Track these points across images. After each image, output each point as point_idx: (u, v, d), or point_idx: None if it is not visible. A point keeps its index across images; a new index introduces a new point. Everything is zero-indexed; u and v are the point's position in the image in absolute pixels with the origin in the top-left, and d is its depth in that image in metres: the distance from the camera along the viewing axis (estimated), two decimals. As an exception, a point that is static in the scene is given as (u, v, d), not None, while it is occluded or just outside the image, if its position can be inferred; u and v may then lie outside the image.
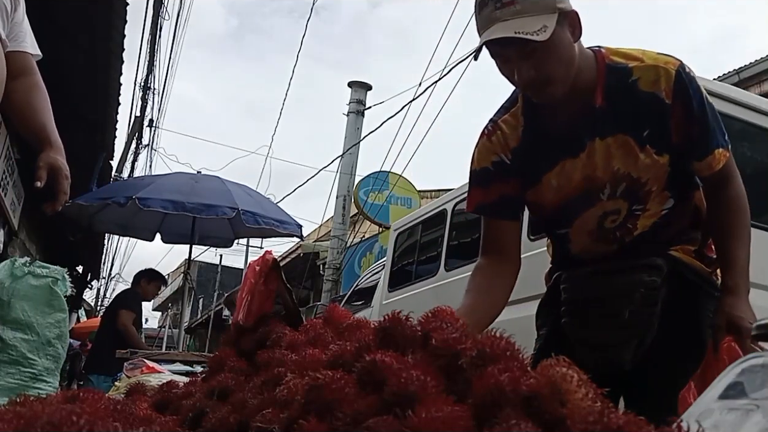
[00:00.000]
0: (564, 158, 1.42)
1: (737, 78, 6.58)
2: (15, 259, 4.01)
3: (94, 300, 18.85)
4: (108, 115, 5.57)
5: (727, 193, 1.43)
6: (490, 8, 1.27)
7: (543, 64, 1.28)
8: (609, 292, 1.46)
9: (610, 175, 1.39)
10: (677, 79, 1.33)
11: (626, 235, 1.45)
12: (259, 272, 1.47)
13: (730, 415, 0.75)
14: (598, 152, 1.38)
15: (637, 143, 1.36)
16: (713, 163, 1.38)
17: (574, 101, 1.37)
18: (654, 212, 1.44)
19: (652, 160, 1.37)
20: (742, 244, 1.40)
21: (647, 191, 1.41)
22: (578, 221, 1.47)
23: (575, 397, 0.68)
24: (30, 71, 1.82)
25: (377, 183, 11.50)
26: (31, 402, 0.91)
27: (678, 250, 1.47)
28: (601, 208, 1.44)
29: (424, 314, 0.97)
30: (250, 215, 5.57)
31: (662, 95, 1.33)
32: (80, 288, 11.47)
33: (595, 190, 1.42)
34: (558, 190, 1.45)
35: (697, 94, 1.35)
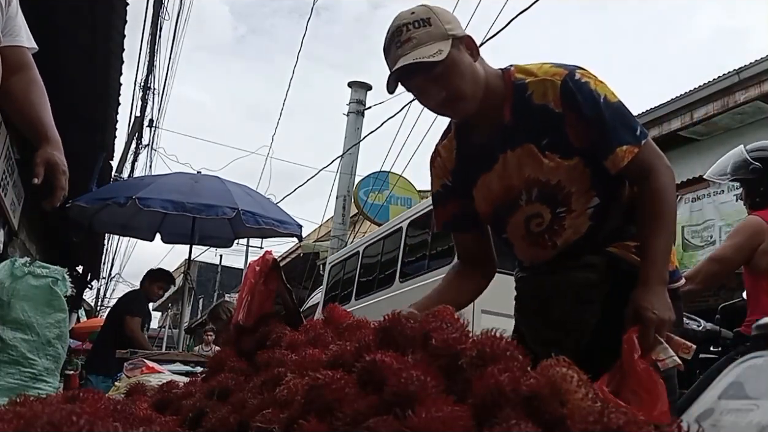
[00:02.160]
0: (482, 173, 1.56)
1: (737, 78, 6.56)
2: (15, 259, 4.01)
3: (94, 300, 18.85)
4: (108, 115, 5.56)
5: (648, 186, 1.45)
6: (393, 49, 1.44)
7: (448, 82, 1.43)
8: (545, 292, 1.54)
9: (523, 181, 1.50)
10: (563, 89, 1.42)
11: (556, 237, 1.51)
12: (259, 272, 1.48)
13: (730, 415, 0.75)
14: (510, 163, 1.50)
15: (539, 150, 1.46)
16: (616, 161, 1.42)
17: (489, 119, 1.50)
18: (580, 212, 1.48)
19: (556, 163, 1.45)
20: (658, 236, 1.42)
21: (566, 193, 1.47)
22: (509, 227, 1.58)
23: (575, 397, 0.68)
24: (27, 66, 1.80)
25: (377, 183, 11.50)
26: (31, 402, 0.92)
27: (617, 247, 1.50)
28: (523, 213, 1.53)
29: (424, 314, 0.97)
30: (250, 215, 5.57)
31: (551, 105, 1.43)
32: (80, 288, 11.47)
33: (514, 197, 1.53)
34: (484, 201, 1.58)
35: (588, 98, 1.42)
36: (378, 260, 7.26)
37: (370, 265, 7.45)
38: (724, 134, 6.94)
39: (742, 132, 6.79)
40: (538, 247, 1.54)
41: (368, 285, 7.03)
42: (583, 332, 1.47)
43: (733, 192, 5.49)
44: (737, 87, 6.54)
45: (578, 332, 1.48)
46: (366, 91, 11.55)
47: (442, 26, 1.42)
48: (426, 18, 1.42)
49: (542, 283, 1.56)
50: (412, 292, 5.59)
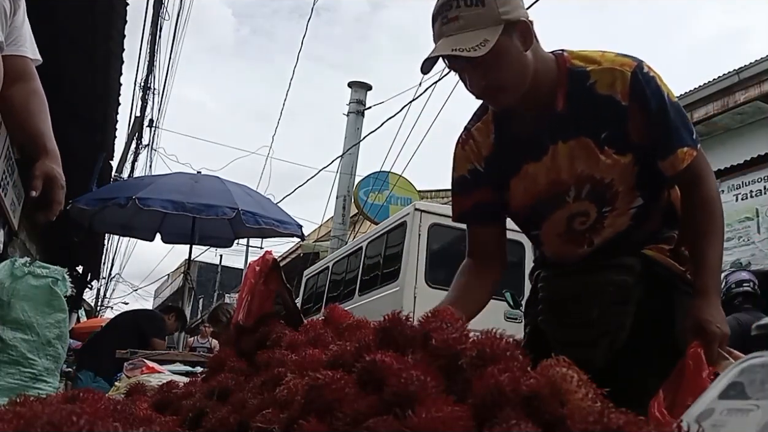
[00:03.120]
0: (527, 162, 1.45)
1: (737, 78, 6.57)
2: (15, 259, 4.01)
3: (94, 300, 18.85)
4: (108, 115, 5.56)
5: (698, 194, 1.42)
6: (439, 23, 1.33)
7: (492, 73, 1.33)
8: (579, 291, 1.48)
9: (574, 177, 1.42)
10: (633, 80, 1.34)
11: (595, 236, 1.46)
12: (259, 272, 1.47)
13: (730, 415, 0.75)
14: (561, 155, 1.41)
15: (596, 145, 1.38)
16: (676, 163, 1.37)
17: (537, 106, 1.40)
18: (622, 211, 1.44)
19: (612, 160, 1.38)
20: (712, 245, 1.38)
21: (614, 192, 1.42)
22: (546, 224, 1.50)
23: (575, 397, 0.68)
24: (29, 76, 1.78)
25: (377, 183, 11.50)
26: (31, 402, 0.91)
27: (652, 249, 1.47)
28: (568, 210, 1.46)
29: (424, 314, 0.97)
30: (250, 215, 5.57)
31: (618, 97, 1.35)
32: (80, 288, 11.46)
33: (560, 193, 1.44)
34: (525, 193, 1.48)
35: (656, 94, 1.35)
36: (343, 276, 7.76)
37: (337, 279, 8.01)
38: (724, 134, 6.94)
39: (742, 132, 6.80)
40: (573, 244, 1.48)
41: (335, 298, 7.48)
42: (618, 333, 1.43)
43: (734, 192, 5.49)
44: (737, 87, 6.55)
45: (613, 333, 1.44)
46: (366, 91, 11.55)
47: (497, 8, 1.29)
48: None
49: (578, 282, 1.49)
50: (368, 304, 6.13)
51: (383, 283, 6.19)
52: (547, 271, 1.59)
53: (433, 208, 5.78)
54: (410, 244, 5.35)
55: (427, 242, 5.31)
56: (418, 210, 5.48)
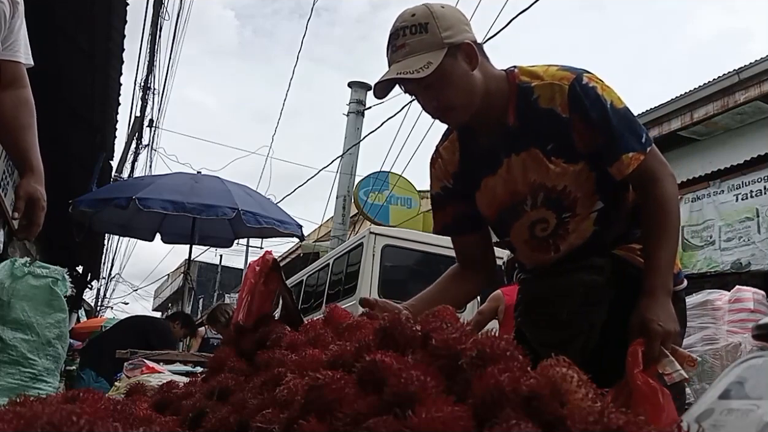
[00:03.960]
0: (486, 176, 1.53)
1: (737, 78, 6.57)
2: (15, 259, 4.01)
3: (94, 300, 18.86)
4: (108, 115, 5.56)
5: (651, 194, 1.44)
6: (389, 52, 1.43)
7: (440, 93, 1.41)
8: (550, 293, 1.53)
9: (528, 186, 1.48)
10: (570, 93, 1.40)
11: (560, 242, 1.50)
12: (259, 272, 1.48)
13: (730, 415, 0.75)
14: (515, 167, 1.48)
15: (545, 156, 1.44)
16: (622, 168, 1.40)
17: (491, 122, 1.48)
18: (583, 215, 1.48)
19: (562, 168, 1.44)
20: (663, 246, 1.40)
21: (572, 198, 1.46)
22: (512, 231, 1.57)
23: (575, 398, 0.68)
24: (20, 83, 1.75)
25: (377, 183, 11.50)
26: (31, 402, 0.91)
27: (623, 250, 1.49)
28: (528, 219, 1.52)
29: (423, 314, 0.97)
30: (250, 215, 5.57)
31: (558, 110, 1.41)
32: (80, 288, 11.47)
33: (518, 203, 1.51)
34: (488, 205, 1.57)
35: (595, 103, 1.40)
36: (314, 288, 8.55)
37: (309, 291, 8.81)
38: (724, 134, 6.95)
39: (742, 132, 6.80)
40: (541, 251, 1.54)
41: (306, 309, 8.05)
42: (590, 334, 1.46)
43: (733, 192, 5.49)
44: (737, 87, 6.55)
45: (585, 334, 1.46)
46: (366, 91, 11.54)
47: (439, 33, 1.38)
48: (424, 23, 1.38)
49: (548, 284, 1.54)
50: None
51: (344, 296, 6.63)
52: (525, 273, 1.66)
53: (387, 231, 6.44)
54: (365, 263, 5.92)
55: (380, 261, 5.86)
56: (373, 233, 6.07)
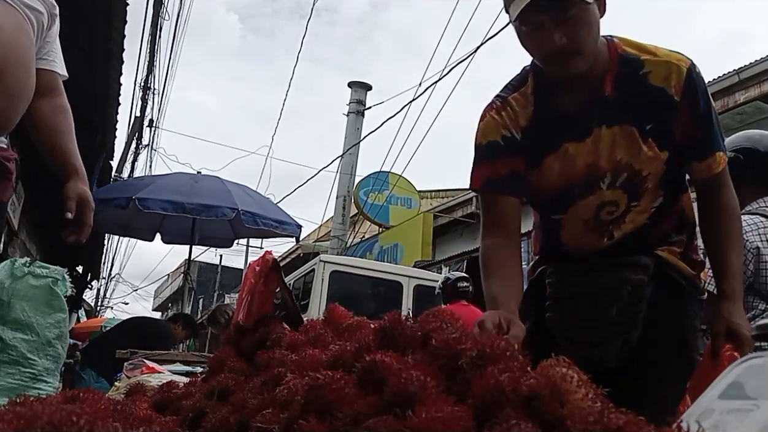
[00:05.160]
0: (568, 141, 1.40)
1: (737, 78, 6.56)
2: (15, 259, 4.00)
3: (94, 300, 18.85)
4: (108, 115, 5.56)
5: (722, 200, 1.43)
6: None
7: (575, 32, 1.27)
8: (596, 289, 1.45)
9: (613, 164, 1.38)
10: (688, 77, 1.33)
11: (616, 229, 1.45)
12: (259, 272, 1.48)
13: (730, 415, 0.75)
14: (604, 140, 1.37)
15: (640, 135, 1.36)
16: (713, 165, 1.39)
17: (585, 86, 1.37)
18: (644, 208, 1.43)
19: (654, 153, 1.37)
20: (735, 250, 1.40)
21: (645, 188, 1.40)
22: (573, 208, 1.45)
23: (575, 398, 0.68)
24: (57, 92, 1.79)
25: (377, 183, 11.50)
26: (31, 402, 0.91)
27: (664, 251, 1.47)
28: (600, 197, 1.42)
29: (423, 314, 0.97)
30: (249, 216, 5.57)
31: (671, 91, 1.33)
32: (80, 288, 11.46)
33: (596, 178, 1.40)
34: (560, 173, 1.43)
35: (705, 95, 1.36)
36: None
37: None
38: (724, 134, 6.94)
39: (742, 132, 6.80)
40: (596, 235, 1.45)
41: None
42: (632, 332, 1.43)
43: (733, 192, 5.50)
44: (737, 87, 6.55)
45: (626, 333, 1.43)
46: (366, 91, 11.55)
47: None
48: None
49: (592, 280, 1.47)
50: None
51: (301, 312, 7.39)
52: (558, 266, 1.54)
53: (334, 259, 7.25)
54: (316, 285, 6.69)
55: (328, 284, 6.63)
56: (323, 261, 6.85)
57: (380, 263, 8.68)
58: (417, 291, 6.72)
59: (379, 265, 7.89)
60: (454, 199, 11.40)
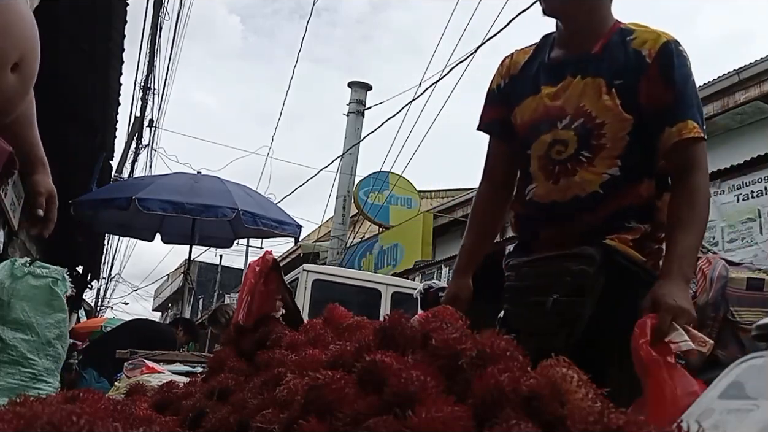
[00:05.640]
0: (545, 85, 1.57)
1: (737, 78, 6.56)
2: (15, 259, 4.01)
3: (94, 300, 18.86)
4: (108, 115, 5.56)
5: (689, 181, 1.43)
6: None
7: None
8: (538, 280, 1.50)
9: (575, 109, 1.50)
10: (664, 45, 1.44)
11: (563, 176, 1.50)
12: (259, 272, 1.48)
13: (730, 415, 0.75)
14: (575, 88, 1.51)
15: (606, 86, 1.47)
16: (683, 131, 1.41)
17: (578, 42, 1.54)
18: (597, 171, 1.47)
19: (613, 104, 1.45)
20: (688, 232, 1.40)
21: (599, 143, 1.47)
22: (536, 144, 1.56)
23: (575, 398, 0.68)
24: None
25: (377, 183, 11.50)
26: (31, 402, 0.91)
27: (614, 239, 1.46)
28: (554, 135, 1.52)
29: (424, 314, 0.97)
30: (249, 216, 5.57)
31: (645, 53, 1.45)
32: (80, 288, 11.46)
33: (556, 118, 1.52)
34: (533, 111, 1.58)
35: (683, 67, 1.44)
36: None
37: None
38: (724, 134, 6.95)
39: (742, 132, 6.80)
40: (545, 175, 1.54)
41: None
42: (576, 324, 1.43)
43: (734, 193, 5.49)
44: (737, 87, 6.55)
45: (570, 324, 1.43)
46: (366, 91, 11.55)
47: None
48: None
49: (537, 272, 1.51)
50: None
51: None
52: (515, 258, 1.62)
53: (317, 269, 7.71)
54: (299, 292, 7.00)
55: (311, 292, 7.00)
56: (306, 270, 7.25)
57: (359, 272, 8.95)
58: (394, 297, 7.11)
59: (359, 273, 8.40)
60: (454, 199, 11.41)
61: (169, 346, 4.96)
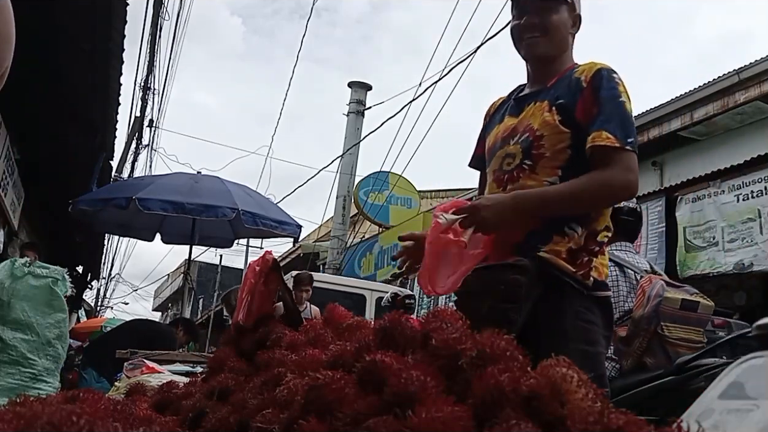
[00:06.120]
0: (511, 114, 1.80)
1: (737, 78, 6.56)
2: (15, 259, 4.01)
3: (94, 300, 18.86)
4: (108, 115, 5.56)
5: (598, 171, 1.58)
6: None
7: (548, 17, 1.72)
8: (476, 287, 1.60)
9: (524, 127, 1.72)
10: (597, 72, 1.67)
11: (510, 183, 1.70)
12: (259, 272, 1.48)
13: (730, 415, 0.75)
14: (529, 112, 1.74)
15: (549, 105, 1.69)
16: (597, 138, 1.59)
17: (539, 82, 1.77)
18: (538, 179, 1.65)
19: (552, 119, 1.66)
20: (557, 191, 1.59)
21: (540, 153, 1.66)
22: (493, 160, 1.79)
23: (575, 398, 0.68)
24: None
25: (377, 183, 11.50)
26: (31, 402, 0.91)
27: (548, 251, 1.60)
28: (506, 150, 1.74)
29: (424, 314, 0.97)
30: (249, 216, 5.57)
31: (582, 78, 1.68)
32: (80, 288, 11.47)
33: (509, 137, 1.75)
34: (494, 135, 1.82)
35: (611, 88, 1.64)
36: None
37: None
38: (724, 134, 6.94)
39: (742, 132, 6.80)
40: (496, 184, 1.74)
41: None
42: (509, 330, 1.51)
43: (734, 192, 5.49)
44: (737, 87, 6.54)
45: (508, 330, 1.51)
46: (366, 91, 11.55)
47: None
48: None
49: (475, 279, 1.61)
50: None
51: None
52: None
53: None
54: None
55: None
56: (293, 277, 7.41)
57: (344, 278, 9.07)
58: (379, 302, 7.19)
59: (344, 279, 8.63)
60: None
61: (169, 346, 4.96)
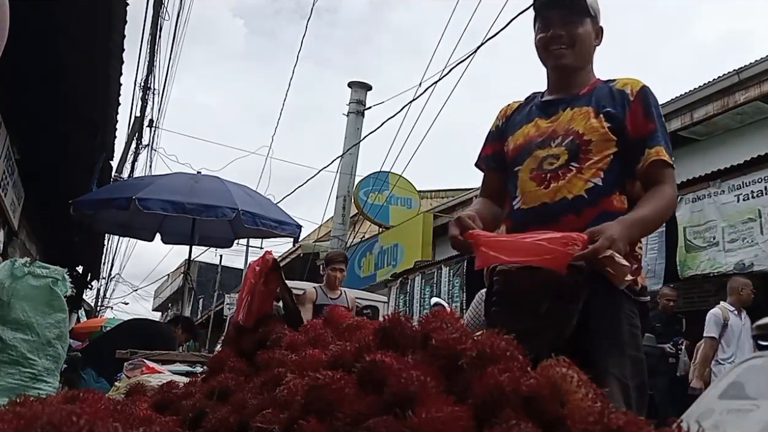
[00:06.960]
0: (539, 117, 1.83)
1: (737, 78, 6.56)
2: (15, 259, 4.00)
3: (94, 300, 18.87)
4: (108, 115, 5.55)
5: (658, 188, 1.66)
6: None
7: (575, 31, 1.76)
8: (533, 286, 1.60)
9: (566, 131, 1.75)
10: (643, 88, 1.75)
11: (554, 180, 1.71)
12: (259, 272, 1.48)
13: (730, 415, 0.75)
14: (565, 116, 1.78)
15: (594, 111, 1.73)
16: (660, 154, 1.68)
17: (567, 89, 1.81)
18: (584, 178, 1.68)
19: (599, 124, 1.71)
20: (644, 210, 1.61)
21: (588, 157, 1.70)
22: (528, 159, 1.78)
23: (575, 398, 0.68)
24: None
25: (377, 183, 11.50)
26: (31, 402, 0.91)
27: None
28: (547, 151, 1.75)
29: (424, 314, 0.97)
30: (249, 216, 5.57)
31: (628, 91, 1.75)
32: (80, 288, 11.46)
33: (550, 139, 1.76)
34: (525, 135, 1.83)
35: (656, 105, 1.74)
36: None
37: None
38: (724, 134, 6.94)
39: (742, 132, 6.80)
40: (536, 182, 1.74)
41: None
42: (563, 327, 1.55)
43: (734, 192, 5.48)
44: (737, 87, 6.54)
45: (557, 326, 1.55)
46: (366, 91, 11.54)
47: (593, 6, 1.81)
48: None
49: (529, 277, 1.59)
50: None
51: None
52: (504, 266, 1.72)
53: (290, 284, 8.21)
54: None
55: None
56: None
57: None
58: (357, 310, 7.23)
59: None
60: (454, 199, 11.40)
61: (169, 345, 4.95)
